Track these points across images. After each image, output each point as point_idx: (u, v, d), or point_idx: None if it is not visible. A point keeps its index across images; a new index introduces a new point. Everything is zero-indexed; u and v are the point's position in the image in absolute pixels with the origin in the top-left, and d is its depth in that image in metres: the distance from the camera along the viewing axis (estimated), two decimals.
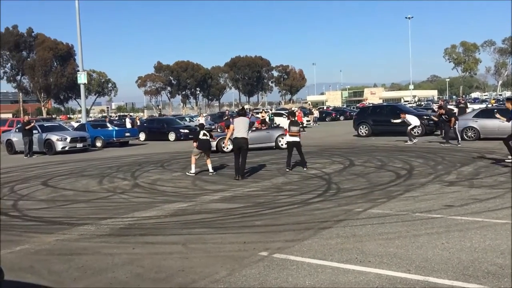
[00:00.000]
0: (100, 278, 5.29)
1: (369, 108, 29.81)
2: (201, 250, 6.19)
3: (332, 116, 54.11)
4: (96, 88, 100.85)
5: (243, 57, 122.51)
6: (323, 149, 19.41)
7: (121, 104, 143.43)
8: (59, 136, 23.40)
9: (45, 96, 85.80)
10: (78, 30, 34.18)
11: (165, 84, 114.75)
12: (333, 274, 5.06)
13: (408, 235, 6.38)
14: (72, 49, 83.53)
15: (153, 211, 8.77)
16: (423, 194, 9.19)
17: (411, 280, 4.77)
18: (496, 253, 5.47)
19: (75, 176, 14.43)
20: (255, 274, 5.19)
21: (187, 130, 31.00)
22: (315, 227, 7.05)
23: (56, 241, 6.92)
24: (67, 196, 10.91)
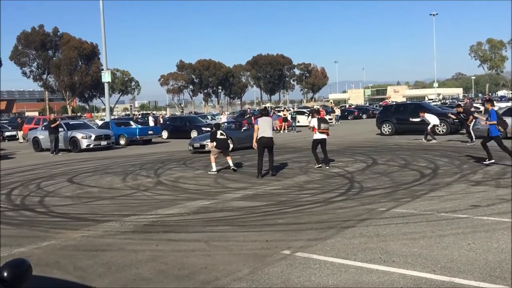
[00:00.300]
0: (124, 274, 5.35)
1: (392, 107, 29.43)
2: (223, 248, 6.21)
3: (355, 114, 53.68)
4: (119, 86, 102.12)
5: (265, 55, 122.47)
6: (345, 148, 19.27)
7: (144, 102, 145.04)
8: (84, 134, 23.78)
9: (70, 94, 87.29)
10: (102, 29, 34.67)
11: (187, 82, 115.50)
12: (356, 274, 5.01)
13: (433, 235, 6.29)
14: (97, 48, 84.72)
15: (176, 209, 8.84)
16: (448, 193, 9.04)
17: (436, 281, 4.70)
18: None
19: (100, 173, 14.64)
20: (278, 272, 5.18)
21: (209, 128, 31.12)
22: (338, 226, 7.00)
23: (81, 237, 7.03)
24: (91, 193, 11.08)
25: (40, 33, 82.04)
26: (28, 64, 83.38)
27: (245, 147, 19.20)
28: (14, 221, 8.36)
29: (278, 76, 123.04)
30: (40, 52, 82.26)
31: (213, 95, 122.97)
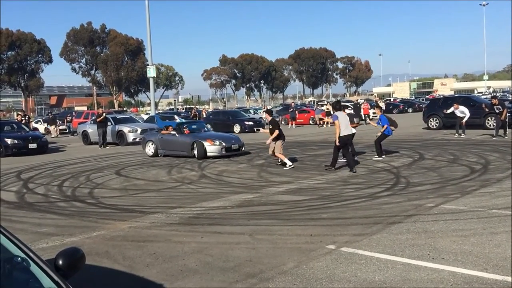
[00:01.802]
0: (171, 265, 5.45)
1: (440, 100, 28.56)
2: (267, 241, 6.22)
3: (400, 108, 52.48)
4: (164, 81, 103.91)
5: (307, 49, 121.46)
6: (390, 142, 18.86)
7: (187, 97, 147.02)
8: (130, 128, 24.35)
9: (117, 89, 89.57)
10: (148, 26, 35.32)
11: (229, 77, 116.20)
12: (404, 271, 4.91)
13: (484, 233, 6.07)
14: (142, 44, 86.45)
15: (220, 202, 8.93)
16: (500, 190, 8.70)
17: (488, 280, 4.54)
18: None
19: (146, 166, 14.97)
20: (323, 267, 5.14)
21: (251, 122, 31.26)
22: (384, 222, 6.88)
23: (129, 228, 7.22)
24: (138, 186, 11.34)
25: (89, 30, 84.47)
26: (77, 60, 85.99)
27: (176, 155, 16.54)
28: (65, 212, 8.67)
29: (320, 70, 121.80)
30: (88, 48, 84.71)
31: (255, 89, 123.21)
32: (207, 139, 15.81)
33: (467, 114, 20.11)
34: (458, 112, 20.14)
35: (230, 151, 15.82)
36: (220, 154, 15.53)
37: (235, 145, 16.07)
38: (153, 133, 18.44)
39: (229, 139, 16.49)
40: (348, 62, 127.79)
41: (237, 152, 16.03)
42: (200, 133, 17.09)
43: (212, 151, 15.55)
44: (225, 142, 15.88)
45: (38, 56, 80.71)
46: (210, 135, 16.97)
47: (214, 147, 15.58)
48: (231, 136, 17.64)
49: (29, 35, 79.29)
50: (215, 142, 15.61)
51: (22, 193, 10.80)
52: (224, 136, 16.84)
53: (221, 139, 16.11)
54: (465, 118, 20.07)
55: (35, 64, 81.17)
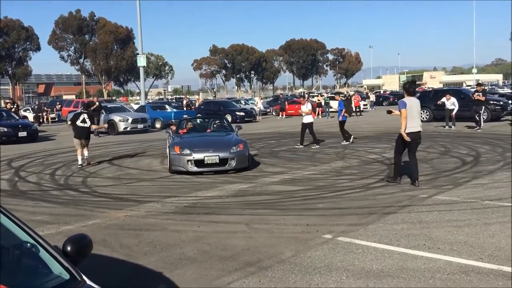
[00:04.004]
0: (169, 253, 5.47)
1: (430, 93, 28.76)
2: (264, 231, 6.25)
3: (390, 100, 52.73)
4: (153, 71, 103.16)
5: (298, 40, 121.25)
6: (382, 134, 19.03)
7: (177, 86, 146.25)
8: (121, 117, 24.23)
9: (106, 78, 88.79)
10: (138, 14, 35.01)
11: (220, 67, 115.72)
12: (401, 260, 4.97)
13: (478, 223, 6.16)
14: (131, 32, 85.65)
15: (215, 191, 8.94)
16: (492, 181, 8.82)
17: (484, 269, 4.62)
18: None
19: (138, 156, 14.90)
20: (320, 256, 5.19)
21: (242, 113, 31.26)
22: (379, 212, 6.94)
23: (125, 216, 7.21)
24: (131, 175, 11.31)
25: (77, 17, 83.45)
26: (65, 48, 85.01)
27: None
28: (59, 200, 8.63)
29: (311, 61, 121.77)
30: (77, 36, 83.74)
31: (245, 80, 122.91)
32: (175, 145, 10.94)
33: (456, 107, 20.30)
34: (449, 104, 20.30)
35: (203, 165, 10.65)
36: (186, 168, 10.61)
37: (210, 156, 10.60)
38: None
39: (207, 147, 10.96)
40: (338, 54, 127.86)
41: (214, 168, 10.68)
42: (193, 135, 12.28)
43: (173, 163, 10.83)
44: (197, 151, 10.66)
45: (26, 43, 79.65)
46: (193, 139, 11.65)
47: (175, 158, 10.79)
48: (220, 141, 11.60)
49: (17, 22, 78.16)
50: (183, 151, 10.71)
51: (14, 181, 10.71)
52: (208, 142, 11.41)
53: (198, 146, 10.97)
54: (454, 111, 20.26)
55: (23, 51, 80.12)
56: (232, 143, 11.25)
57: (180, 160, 10.69)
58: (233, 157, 10.76)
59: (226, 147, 10.99)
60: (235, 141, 11.39)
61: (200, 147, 10.89)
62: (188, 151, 10.71)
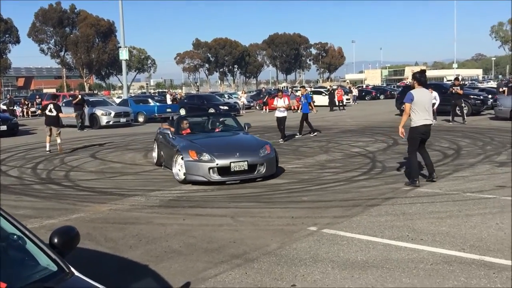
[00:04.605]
0: (155, 246, 5.46)
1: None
2: (250, 223, 6.28)
3: (372, 95, 53.17)
4: (136, 64, 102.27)
5: (281, 34, 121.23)
6: (364, 128, 19.18)
7: (159, 80, 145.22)
8: (104, 111, 23.99)
9: (87, 72, 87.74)
10: (120, 7, 34.63)
11: (203, 61, 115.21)
12: (385, 251, 5.04)
13: (460, 215, 6.27)
14: (113, 25, 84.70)
15: (200, 185, 8.90)
16: (473, 174, 8.98)
17: (466, 259, 4.71)
18: None
19: (121, 149, 14.81)
20: (306, 248, 5.23)
21: (226, 107, 31.19)
22: (363, 204, 7.02)
23: (109, 210, 7.16)
24: (115, 168, 11.23)
25: (58, 10, 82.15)
26: (45, 41, 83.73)
27: None
28: (42, 194, 8.53)
29: (294, 56, 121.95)
30: (57, 29, 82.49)
31: (228, 74, 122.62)
32: (190, 149, 8.94)
33: (437, 101, 20.56)
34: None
35: (228, 174, 8.75)
36: (207, 178, 8.64)
37: (238, 162, 8.73)
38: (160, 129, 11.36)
39: (232, 151, 8.99)
40: (321, 48, 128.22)
41: (241, 176, 8.83)
42: (202, 136, 10.17)
43: (189, 171, 8.77)
44: (222, 158, 8.72)
45: (5, 36, 78.13)
46: (207, 142, 9.61)
47: (192, 165, 8.75)
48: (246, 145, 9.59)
49: None
50: (201, 156, 8.74)
51: None
52: (230, 146, 9.41)
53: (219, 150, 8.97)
54: (436, 105, 20.51)
55: (2, 44, 78.56)
56: (259, 145, 9.45)
57: (200, 168, 8.61)
58: (263, 162, 8.91)
59: (254, 150, 9.11)
60: (260, 143, 9.67)
61: (223, 151, 8.89)
62: (209, 156, 8.68)
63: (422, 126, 7.96)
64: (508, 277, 4.23)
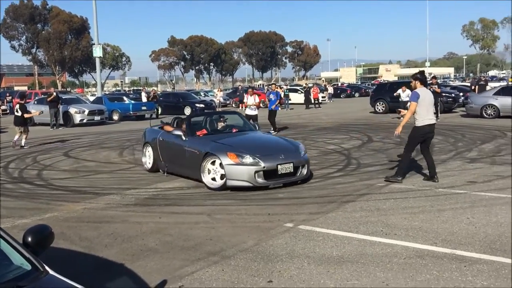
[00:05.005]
0: (131, 245, 5.42)
1: (386, 85, 29.50)
2: (226, 221, 6.28)
3: (347, 92, 53.72)
4: (110, 62, 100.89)
5: (257, 32, 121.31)
6: (340, 125, 19.37)
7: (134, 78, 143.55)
8: (77, 109, 23.62)
9: (59, 69, 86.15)
10: (94, 3, 34.11)
11: (178, 58, 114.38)
12: (359, 246, 5.12)
13: (432, 210, 6.41)
14: (87, 22, 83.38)
15: (176, 183, 8.88)
16: (445, 170, 9.17)
17: (438, 253, 4.82)
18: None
19: (95, 148, 14.61)
20: (282, 244, 5.27)
21: (202, 105, 31.07)
22: (338, 201, 7.10)
23: (83, 209, 7.07)
24: (89, 167, 11.08)
25: (29, 6, 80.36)
26: (17, 38, 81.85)
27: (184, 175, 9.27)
28: (14, 193, 8.36)
29: (270, 54, 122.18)
30: (29, 25, 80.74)
31: (204, 71, 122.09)
32: (229, 152, 8.03)
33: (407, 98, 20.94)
34: (404, 95, 20.88)
35: (274, 177, 8.00)
36: (252, 183, 7.83)
37: (284, 164, 8.04)
38: (153, 131, 10.22)
39: (275, 152, 8.29)
40: (297, 46, 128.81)
41: (285, 179, 8.10)
42: (225, 136, 9.17)
43: (233, 176, 7.88)
44: (268, 160, 7.94)
45: None
46: (238, 142, 8.73)
47: (236, 170, 7.85)
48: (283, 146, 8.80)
49: None
50: (243, 159, 7.89)
51: None
52: (269, 146, 8.70)
53: (259, 152, 8.11)
54: (408, 103, 20.86)
55: None
56: (295, 145, 8.86)
57: (244, 172, 7.78)
58: (304, 163, 8.36)
59: (294, 151, 8.51)
60: (294, 143, 9.05)
61: (266, 153, 8.13)
62: (251, 158, 7.85)
63: (427, 126, 7.95)
64: (479, 269, 4.35)
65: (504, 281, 4.08)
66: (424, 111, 7.90)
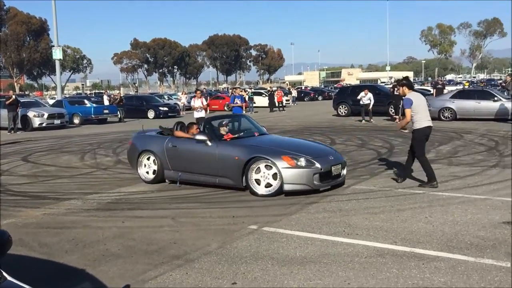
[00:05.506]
0: (92, 250, 5.32)
1: (348, 88, 30.05)
2: (190, 224, 6.26)
3: (311, 96, 54.34)
4: (70, 64, 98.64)
5: (221, 35, 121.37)
6: (303, 128, 19.58)
7: (96, 81, 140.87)
8: (36, 112, 22.99)
9: (17, 72, 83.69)
10: (53, 4, 33.32)
11: (141, 61, 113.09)
12: (322, 246, 5.20)
13: (392, 210, 6.58)
14: (46, 23, 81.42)
15: (139, 187, 8.78)
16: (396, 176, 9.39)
17: (398, 251, 4.95)
18: (478, 226, 5.70)
19: (55, 152, 14.26)
20: (246, 246, 5.30)
21: (166, 108, 30.80)
22: (302, 202, 7.19)
23: (43, 215, 6.90)
24: (49, 172, 10.80)
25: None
26: None
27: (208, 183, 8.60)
28: None
29: (234, 57, 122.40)
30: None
31: (168, 75, 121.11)
32: (283, 155, 7.63)
33: (372, 101, 21.41)
34: (366, 98, 21.32)
35: (327, 179, 7.77)
36: (311, 186, 7.54)
37: (336, 165, 7.96)
38: (152, 137, 9.34)
39: (323, 153, 8.21)
40: (261, 50, 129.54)
41: (334, 181, 7.94)
42: (256, 139, 8.69)
43: (291, 180, 7.50)
44: (322, 161, 7.73)
45: None
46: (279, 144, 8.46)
47: (295, 173, 7.49)
48: (322, 147, 9.12)
49: None
50: (298, 162, 7.56)
51: None
52: (311, 147, 8.63)
53: (307, 153, 7.89)
54: (370, 105, 21.35)
55: None
56: (328, 147, 9.08)
57: (303, 175, 7.47)
58: (345, 165, 8.43)
59: (335, 152, 8.51)
60: (323, 145, 9.25)
61: (315, 155, 7.89)
62: (307, 161, 7.57)
63: (426, 128, 8.01)
64: (437, 267, 4.49)
65: (460, 278, 4.23)
66: (422, 115, 7.97)
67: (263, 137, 8.97)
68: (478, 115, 19.87)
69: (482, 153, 11.49)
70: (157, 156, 8.78)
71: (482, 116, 19.77)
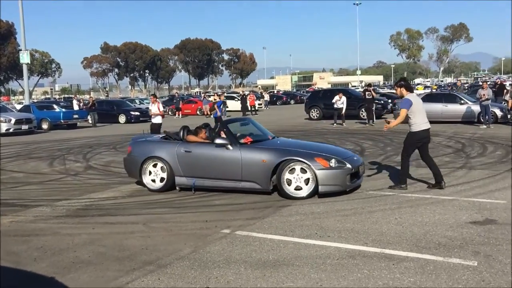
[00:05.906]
0: (62, 257, 5.22)
1: (320, 92, 30.39)
2: (162, 229, 6.21)
3: (283, 100, 54.65)
4: (38, 68, 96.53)
5: (193, 39, 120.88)
6: (275, 132, 19.60)
7: (65, 85, 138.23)
8: (3, 118, 22.43)
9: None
10: (20, 7, 32.60)
11: (112, 65, 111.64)
12: (295, 249, 5.24)
13: (363, 212, 6.67)
14: (13, 27, 79.57)
15: (110, 192, 8.66)
16: (374, 173, 9.56)
17: (368, 252, 5.03)
18: (446, 227, 5.84)
19: (23, 158, 13.94)
20: (219, 250, 5.29)
21: (137, 113, 30.48)
22: (274, 206, 7.22)
23: (10, 222, 6.73)
24: (17, 178, 10.55)
25: None
26: None
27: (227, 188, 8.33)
28: None
29: (206, 61, 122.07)
30: None
31: (139, 79, 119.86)
32: (315, 157, 7.58)
33: (344, 105, 21.72)
34: (340, 102, 21.59)
35: (354, 179, 7.85)
36: (343, 187, 7.60)
37: (361, 165, 8.17)
38: (159, 142, 8.86)
39: (346, 154, 8.34)
40: (233, 54, 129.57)
41: (356, 180, 7.96)
42: (275, 142, 8.63)
43: (327, 182, 7.47)
44: (350, 161, 7.82)
45: None
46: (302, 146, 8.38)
47: (330, 174, 7.47)
48: (339, 148, 9.37)
49: None
50: (330, 163, 7.54)
51: None
52: (331, 149, 8.61)
53: (336, 155, 7.89)
54: (343, 109, 21.66)
55: None
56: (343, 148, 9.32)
57: (338, 176, 7.46)
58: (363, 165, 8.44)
59: (352, 153, 8.64)
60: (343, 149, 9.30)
61: (342, 156, 7.96)
62: (337, 161, 7.56)
63: (423, 131, 7.89)
64: (407, 267, 4.58)
65: (429, 277, 4.32)
66: (419, 117, 7.86)
67: (281, 140, 8.97)
68: (446, 118, 20.35)
69: (450, 155, 11.78)
70: (166, 163, 8.32)
71: (449, 119, 20.26)
